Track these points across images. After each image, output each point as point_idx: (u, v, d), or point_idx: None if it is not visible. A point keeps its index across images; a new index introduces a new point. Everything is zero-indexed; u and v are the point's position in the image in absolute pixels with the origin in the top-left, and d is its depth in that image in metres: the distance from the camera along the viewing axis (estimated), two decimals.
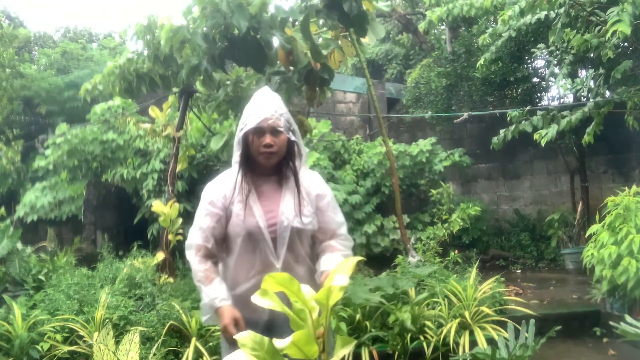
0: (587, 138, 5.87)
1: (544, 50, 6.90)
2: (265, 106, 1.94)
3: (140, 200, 7.01)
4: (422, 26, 8.07)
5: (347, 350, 1.42)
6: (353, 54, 4.81)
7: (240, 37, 4.06)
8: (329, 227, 2.01)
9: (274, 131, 1.92)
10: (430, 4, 7.31)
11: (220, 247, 2.00)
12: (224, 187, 2.01)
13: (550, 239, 7.98)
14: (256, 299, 1.41)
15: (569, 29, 5.30)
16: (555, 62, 6.55)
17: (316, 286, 1.82)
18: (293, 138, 1.97)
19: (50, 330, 3.76)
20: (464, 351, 3.57)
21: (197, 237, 1.97)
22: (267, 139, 1.92)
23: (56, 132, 7.79)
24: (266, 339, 1.46)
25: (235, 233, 1.94)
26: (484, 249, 8.11)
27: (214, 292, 1.90)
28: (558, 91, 8.43)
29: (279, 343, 1.32)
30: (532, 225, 8.58)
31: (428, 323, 3.86)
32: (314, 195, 2.02)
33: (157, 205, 5.13)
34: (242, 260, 1.95)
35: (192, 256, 1.97)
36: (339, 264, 1.51)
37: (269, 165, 1.99)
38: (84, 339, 3.69)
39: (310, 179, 2.05)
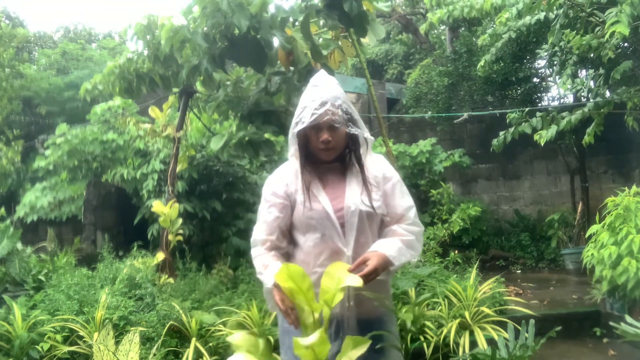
0: (587, 138, 5.87)
1: (547, 52, 6.91)
2: (322, 99, 1.84)
3: (140, 201, 7.01)
4: (423, 28, 8.08)
5: (361, 351, 1.40)
6: (353, 54, 4.81)
7: (241, 37, 4.06)
8: (395, 211, 1.95)
9: (331, 127, 1.85)
10: (431, 6, 7.31)
11: (286, 238, 1.91)
12: (285, 177, 1.95)
13: (550, 239, 7.97)
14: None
15: (569, 29, 5.31)
16: (559, 62, 6.55)
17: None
18: (353, 131, 1.88)
19: (50, 330, 3.76)
20: (464, 351, 3.57)
21: (261, 231, 1.90)
22: (325, 135, 1.85)
23: (56, 133, 7.78)
24: (260, 340, 1.46)
25: (301, 222, 1.87)
26: (484, 249, 8.11)
27: (270, 276, 1.74)
28: (558, 91, 8.44)
29: (303, 340, 1.31)
30: (532, 225, 8.58)
31: (428, 323, 3.86)
32: (381, 178, 1.96)
33: (157, 206, 5.13)
34: (310, 248, 1.86)
35: (256, 251, 1.89)
36: (334, 266, 1.50)
37: (329, 158, 1.93)
38: (84, 339, 3.69)
39: (377, 163, 1.99)
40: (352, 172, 1.95)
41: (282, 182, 1.93)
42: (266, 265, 1.81)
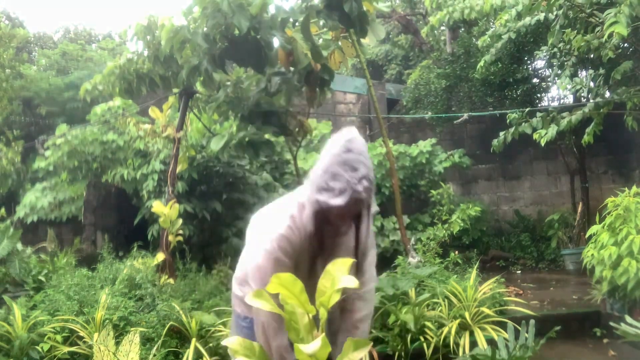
0: (586, 138, 5.88)
1: (546, 52, 6.91)
2: (361, 174, 1.70)
3: (140, 201, 7.01)
4: (424, 31, 8.10)
5: (362, 353, 1.39)
6: (353, 55, 4.82)
7: (241, 37, 4.06)
8: (362, 275, 1.94)
9: (361, 200, 1.74)
10: (432, 8, 7.32)
11: None
12: (291, 236, 1.81)
13: (550, 239, 7.97)
14: (250, 300, 1.38)
15: (569, 30, 5.31)
16: (558, 63, 6.56)
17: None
18: (373, 210, 1.80)
19: (50, 331, 3.76)
20: (464, 352, 3.57)
21: (264, 283, 1.73)
22: (352, 208, 1.72)
23: (56, 133, 7.78)
24: (256, 344, 1.45)
25: None
26: (484, 250, 8.11)
27: None
28: (558, 92, 8.45)
29: (305, 348, 1.30)
30: (532, 226, 8.58)
31: (428, 324, 3.86)
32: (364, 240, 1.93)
33: (157, 206, 5.13)
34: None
35: (264, 315, 1.77)
36: (334, 264, 1.49)
37: (341, 225, 1.87)
38: (84, 339, 3.68)
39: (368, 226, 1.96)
40: (345, 235, 1.90)
41: (293, 245, 1.81)
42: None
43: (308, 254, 1.83)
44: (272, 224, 1.84)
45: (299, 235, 1.80)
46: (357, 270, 1.90)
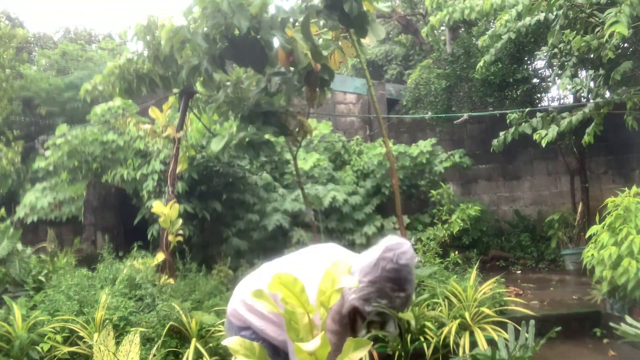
0: (587, 138, 5.88)
1: (546, 53, 6.91)
2: (407, 293, 1.76)
3: (140, 201, 7.01)
4: (424, 31, 8.09)
5: (362, 353, 1.39)
6: (353, 55, 4.81)
7: (241, 37, 4.06)
8: None
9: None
10: (432, 8, 7.32)
11: None
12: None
13: (550, 239, 7.98)
14: (252, 300, 1.38)
15: (569, 30, 5.31)
16: (558, 63, 6.56)
17: None
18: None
19: (50, 331, 3.76)
20: (464, 352, 3.57)
21: None
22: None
23: (56, 133, 7.78)
24: (256, 344, 1.45)
25: None
26: (484, 250, 8.11)
27: None
28: (558, 92, 8.45)
29: (305, 346, 1.30)
30: (532, 226, 8.58)
31: (428, 324, 3.86)
32: None
33: (157, 206, 5.13)
34: None
35: None
36: (333, 264, 1.49)
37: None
38: (84, 339, 3.69)
39: None
40: None
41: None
42: None
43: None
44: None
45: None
46: None
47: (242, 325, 2.07)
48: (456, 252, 5.87)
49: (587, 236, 4.79)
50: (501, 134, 6.18)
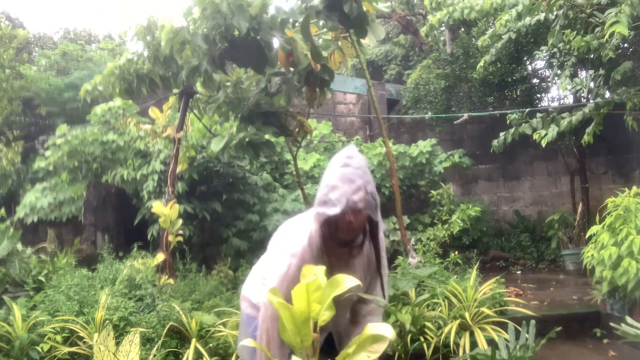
0: (586, 138, 5.88)
1: (546, 53, 6.91)
2: (357, 184, 1.80)
3: (140, 202, 7.01)
4: (423, 30, 8.09)
5: (382, 346, 1.38)
6: (353, 55, 4.81)
7: (241, 38, 4.06)
8: (372, 289, 2.07)
9: (358, 211, 1.83)
10: (432, 8, 7.32)
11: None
12: (306, 251, 1.90)
13: (550, 240, 7.97)
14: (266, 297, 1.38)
15: (569, 30, 5.31)
16: (558, 63, 6.56)
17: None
18: (375, 218, 1.88)
19: (51, 331, 3.76)
20: (464, 352, 3.57)
21: (283, 286, 1.81)
22: (350, 218, 1.82)
23: (56, 133, 7.78)
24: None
25: None
26: (484, 250, 8.11)
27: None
28: (558, 92, 8.45)
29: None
30: (532, 226, 8.58)
31: (428, 324, 3.86)
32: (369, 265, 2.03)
33: (158, 207, 5.13)
34: None
35: (271, 320, 1.83)
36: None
37: (347, 238, 1.93)
38: (84, 340, 3.69)
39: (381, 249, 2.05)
40: (356, 257, 1.97)
41: (306, 257, 1.88)
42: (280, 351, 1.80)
43: (324, 262, 1.85)
44: (290, 240, 1.94)
45: (312, 251, 1.88)
46: (371, 288, 2.04)
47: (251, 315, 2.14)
48: (456, 253, 5.86)
49: (587, 236, 4.79)
50: (501, 134, 6.18)
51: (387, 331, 1.32)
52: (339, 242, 1.93)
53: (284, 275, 1.86)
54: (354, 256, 1.97)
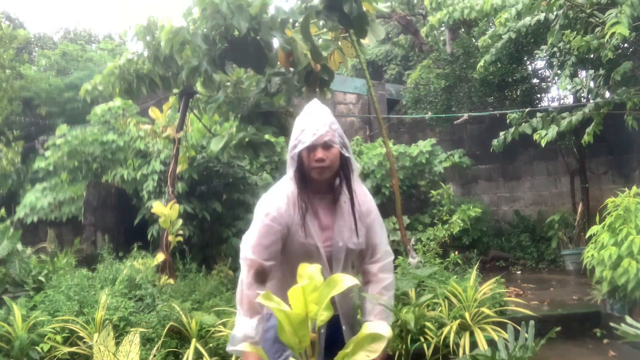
0: (586, 138, 5.87)
1: (546, 52, 6.91)
2: (320, 122, 1.92)
3: (140, 202, 7.01)
4: (423, 31, 8.09)
5: (380, 345, 1.38)
6: (353, 55, 4.81)
7: (241, 38, 4.06)
8: (374, 249, 2.04)
9: (327, 145, 1.89)
10: (432, 8, 7.32)
11: (277, 265, 1.91)
12: (282, 204, 1.94)
13: (550, 240, 7.98)
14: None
15: (569, 30, 5.31)
16: (558, 63, 6.55)
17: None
18: (347, 154, 1.94)
19: (50, 331, 3.76)
20: (464, 352, 3.57)
21: (257, 253, 1.86)
22: (320, 154, 1.89)
23: (56, 133, 7.79)
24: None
25: (292, 251, 1.90)
26: (484, 250, 8.11)
27: (252, 329, 1.80)
28: (558, 92, 8.45)
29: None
30: (532, 226, 8.58)
31: (428, 324, 3.86)
32: (364, 211, 2.00)
33: (158, 207, 5.13)
34: (295, 274, 1.92)
35: (246, 273, 1.86)
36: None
37: (322, 180, 1.95)
38: (84, 340, 3.69)
39: (361, 194, 2.03)
40: (341, 203, 1.98)
41: (281, 210, 1.92)
42: (253, 313, 1.82)
43: (303, 211, 1.91)
44: (263, 203, 2.02)
45: (287, 201, 1.93)
46: (371, 236, 2.02)
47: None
48: (456, 253, 5.86)
49: (587, 236, 4.79)
50: (501, 134, 6.18)
51: (385, 330, 1.32)
52: (318, 189, 1.96)
53: (259, 233, 1.91)
54: (338, 200, 1.97)
